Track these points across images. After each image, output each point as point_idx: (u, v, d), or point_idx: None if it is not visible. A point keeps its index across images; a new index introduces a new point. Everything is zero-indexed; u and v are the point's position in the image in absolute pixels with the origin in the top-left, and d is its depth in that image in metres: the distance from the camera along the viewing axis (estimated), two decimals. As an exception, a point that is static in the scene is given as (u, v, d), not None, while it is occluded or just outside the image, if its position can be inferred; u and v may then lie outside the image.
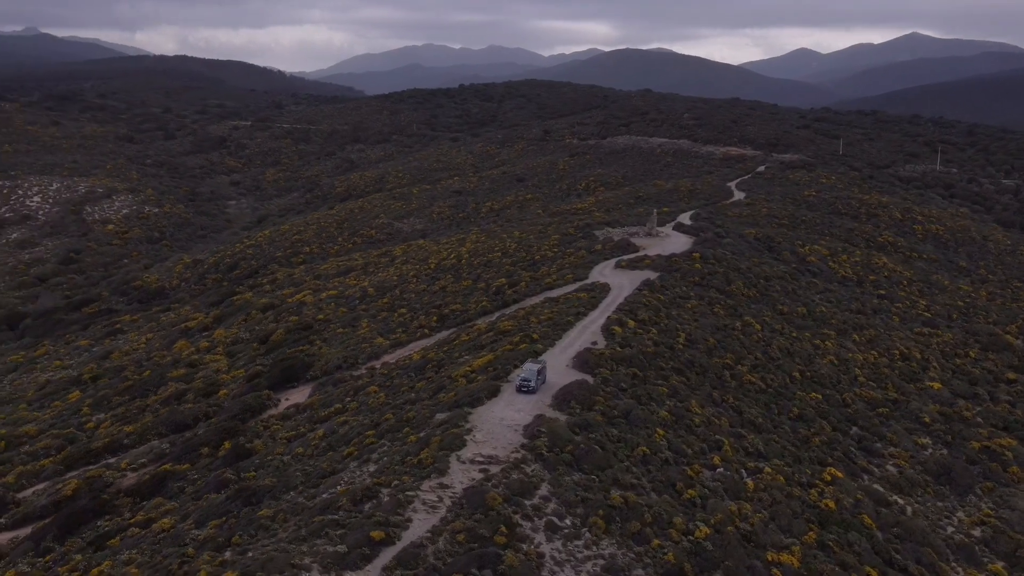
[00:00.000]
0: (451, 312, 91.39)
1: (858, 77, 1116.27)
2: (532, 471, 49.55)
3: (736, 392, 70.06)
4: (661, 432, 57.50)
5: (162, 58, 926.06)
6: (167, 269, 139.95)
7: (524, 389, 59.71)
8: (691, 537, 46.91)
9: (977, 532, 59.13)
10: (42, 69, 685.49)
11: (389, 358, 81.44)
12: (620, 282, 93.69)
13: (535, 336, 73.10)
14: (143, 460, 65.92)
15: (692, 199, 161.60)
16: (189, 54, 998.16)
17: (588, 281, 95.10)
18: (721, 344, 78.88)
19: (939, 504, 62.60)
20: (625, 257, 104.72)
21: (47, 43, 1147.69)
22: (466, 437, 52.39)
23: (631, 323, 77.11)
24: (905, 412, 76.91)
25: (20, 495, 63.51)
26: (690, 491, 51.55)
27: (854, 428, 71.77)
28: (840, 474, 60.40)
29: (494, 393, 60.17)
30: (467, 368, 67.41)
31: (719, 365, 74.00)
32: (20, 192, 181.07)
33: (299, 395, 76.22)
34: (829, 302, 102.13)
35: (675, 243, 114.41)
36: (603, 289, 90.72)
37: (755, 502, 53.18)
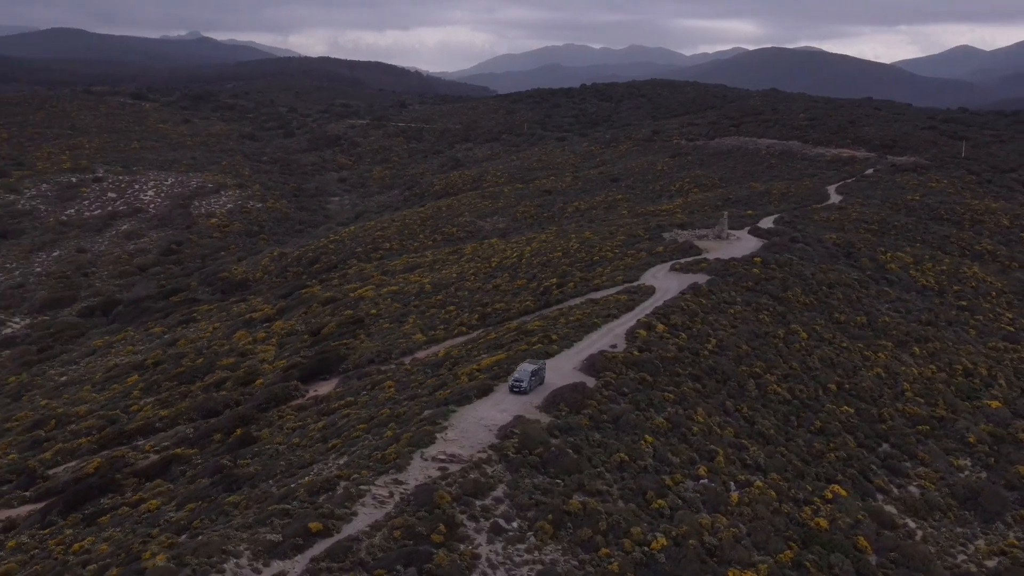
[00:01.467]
0: (493, 311, 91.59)
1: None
2: (492, 472, 49.21)
3: (755, 402, 67.54)
4: (649, 439, 56.07)
5: (306, 59, 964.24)
6: (255, 262, 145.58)
7: (516, 389, 59.31)
8: (646, 548, 45.57)
9: (992, 563, 55.13)
10: (199, 70, 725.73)
11: (422, 354, 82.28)
12: (668, 285, 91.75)
13: (554, 337, 72.47)
14: (166, 443, 68.87)
15: (783, 202, 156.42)
16: (337, 56, 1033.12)
17: (636, 283, 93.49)
18: (755, 352, 76.18)
19: (957, 530, 58.65)
20: (683, 260, 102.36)
21: (207, 46, 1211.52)
22: (437, 435, 52.46)
23: (660, 327, 75.42)
24: (949, 431, 72.35)
25: (51, 471, 67.43)
26: (660, 501, 50.08)
27: (884, 445, 68.06)
28: (844, 492, 57.41)
29: (486, 392, 60.03)
30: (474, 367, 67.51)
31: (744, 373, 71.52)
32: (137, 186, 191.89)
33: (326, 387, 78.01)
34: (897, 312, 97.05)
35: (742, 247, 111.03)
36: (647, 292, 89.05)
37: (734, 516, 51.20)
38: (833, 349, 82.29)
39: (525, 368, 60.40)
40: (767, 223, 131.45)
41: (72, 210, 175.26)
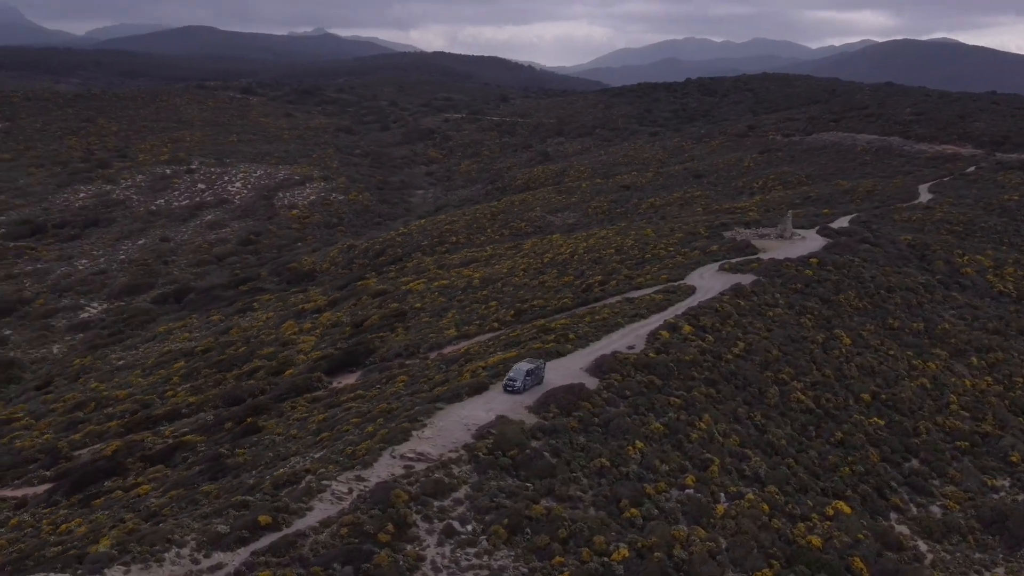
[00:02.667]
0: (530, 308, 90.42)
1: None
2: (459, 472, 48.30)
3: (772, 410, 64.49)
4: (639, 445, 54.08)
5: (421, 54, 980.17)
6: (325, 254, 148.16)
7: (509, 389, 58.18)
8: (605, 559, 43.91)
9: (1007, 593, 51.11)
10: (314, 66, 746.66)
11: (449, 349, 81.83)
12: (711, 285, 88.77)
13: (571, 336, 70.90)
14: (184, 430, 70.46)
15: (866, 200, 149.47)
16: (456, 51, 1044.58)
17: (678, 283, 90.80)
18: (785, 357, 72.86)
19: (976, 555, 54.57)
20: (735, 260, 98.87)
21: (331, 42, 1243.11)
22: (414, 433, 51.86)
23: (686, 328, 72.89)
24: (992, 448, 67.54)
25: (77, 452, 69.89)
26: (633, 510, 48.17)
27: (912, 461, 64.01)
28: (847, 509, 54.10)
29: (479, 391, 59.09)
30: (481, 364, 66.69)
31: (768, 379, 68.42)
32: (226, 178, 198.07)
33: (349, 380, 78.50)
34: (962, 319, 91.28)
35: (803, 247, 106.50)
36: (686, 292, 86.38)
37: (716, 529, 48.87)
38: (877, 356, 77.96)
39: (520, 367, 59.18)
40: (842, 222, 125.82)
41: (162, 200, 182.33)
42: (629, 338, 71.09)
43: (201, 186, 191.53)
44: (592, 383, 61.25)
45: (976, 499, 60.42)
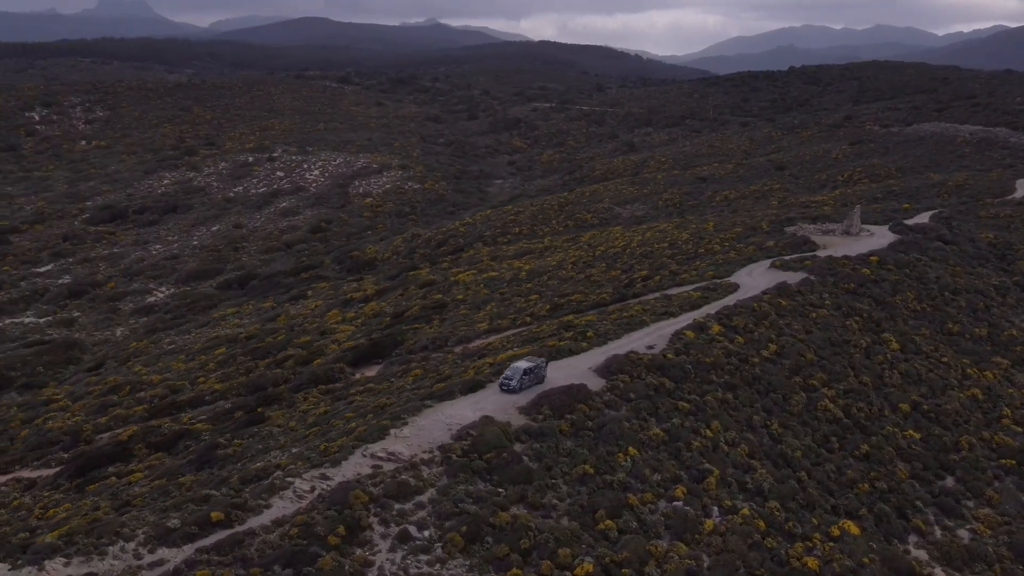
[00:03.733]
0: (567, 302, 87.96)
1: None
2: (428, 474, 46.54)
3: (794, 418, 60.52)
4: (633, 451, 51.28)
5: (527, 43, 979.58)
6: (390, 243, 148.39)
7: (505, 388, 56.08)
8: (568, 573, 41.52)
9: (1028, 631, 46.40)
10: (420, 55, 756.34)
11: (478, 343, 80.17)
12: (756, 283, 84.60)
13: (591, 334, 68.20)
14: (203, 417, 70.79)
15: (954, 195, 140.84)
16: (567, 40, 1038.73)
17: (723, 280, 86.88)
18: (820, 361, 68.52)
19: (1000, 588, 49.84)
20: (788, 257, 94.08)
21: (441, 32, 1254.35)
22: (392, 431, 50.33)
23: (715, 328, 69.31)
24: (1043, 468, 61.89)
25: (99, 436, 71.03)
26: (609, 521, 45.50)
27: (947, 479, 59.13)
28: (856, 530, 50.11)
29: (474, 389, 57.20)
30: (489, 360, 64.77)
31: (796, 385, 64.37)
32: (306, 166, 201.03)
33: (372, 371, 77.68)
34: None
35: (867, 243, 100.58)
36: (728, 289, 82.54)
37: (700, 546, 45.82)
38: (927, 363, 72.68)
39: (517, 366, 56.97)
40: (921, 218, 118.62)
41: (240, 187, 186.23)
42: (652, 337, 67.98)
43: (280, 174, 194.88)
44: (597, 384, 58.61)
45: (1013, 524, 55.35)
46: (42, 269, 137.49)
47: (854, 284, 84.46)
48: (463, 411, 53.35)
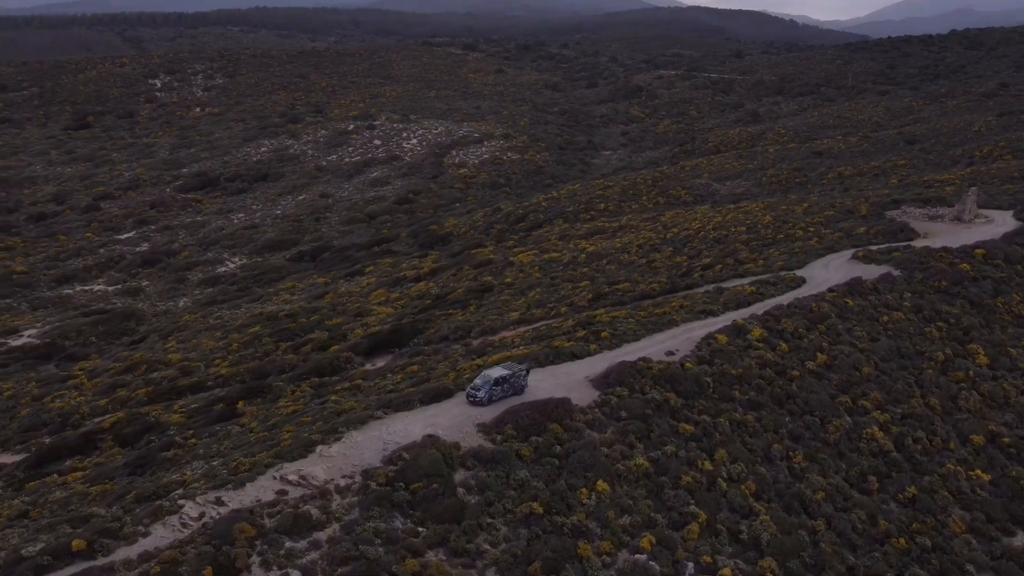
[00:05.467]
0: (613, 291, 79.17)
1: None
2: (338, 505, 39.73)
3: (828, 448, 50.44)
4: (603, 486, 42.96)
5: (677, 9, 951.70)
6: (470, 217, 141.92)
7: (472, 399, 48.52)
8: (470, 644, 34.07)
9: None
10: (565, 21, 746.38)
11: (503, 335, 72.62)
12: (827, 277, 73.62)
13: (606, 335, 59.59)
14: (195, 405, 66.41)
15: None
16: (721, 5, 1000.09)
17: (790, 272, 76.05)
18: (879, 377, 57.76)
19: None
20: (876, 247, 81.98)
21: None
22: (320, 447, 43.73)
23: (755, 332, 59.50)
24: None
25: (89, 420, 67.69)
26: (543, 578, 37.58)
27: (1018, 535, 47.91)
28: (871, 604, 40.28)
29: (438, 398, 49.92)
30: (479, 362, 57.29)
31: (841, 406, 54.03)
32: (405, 134, 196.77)
33: (383, 362, 71.56)
34: None
35: (978, 232, 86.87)
36: (790, 284, 71.94)
37: (656, 615, 37.35)
38: (1020, 384, 60.44)
39: (488, 374, 49.23)
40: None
41: (335, 156, 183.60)
42: (677, 341, 58.81)
43: (377, 142, 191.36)
44: (588, 397, 50.33)
45: (1095, 602, 43.94)
46: (123, 236, 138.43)
47: (946, 282, 72.11)
48: (412, 426, 46.18)
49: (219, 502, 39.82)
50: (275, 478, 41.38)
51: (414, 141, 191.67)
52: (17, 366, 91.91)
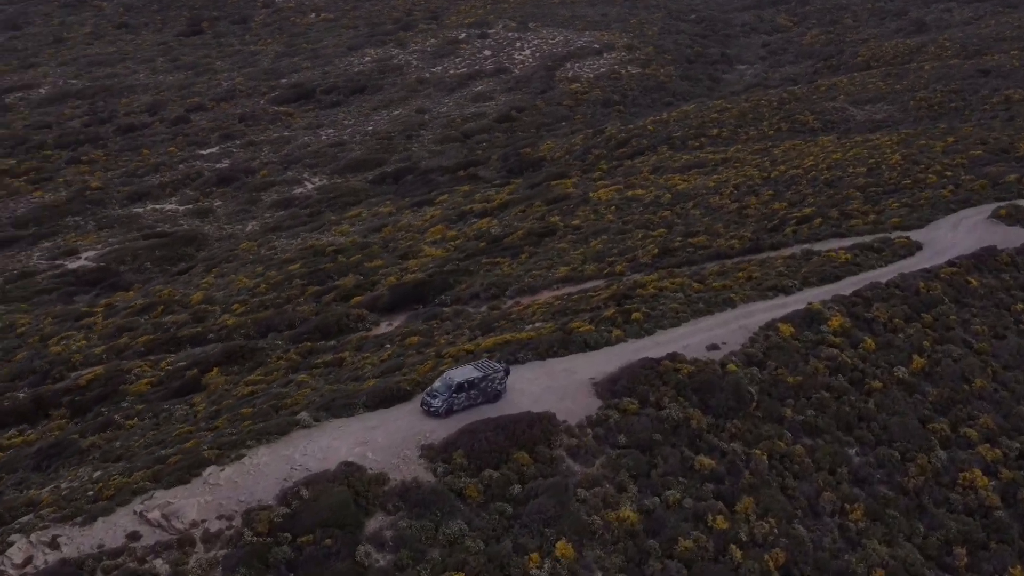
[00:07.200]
0: (684, 246, 66.31)
1: None
2: (198, 562, 30.52)
3: (902, 499, 37.50)
4: (563, 549, 32.03)
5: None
6: (568, 140, 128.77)
7: (427, 408, 37.97)
8: None
9: None
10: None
11: (545, 295, 61.54)
12: (953, 242, 58.84)
13: (638, 316, 47.55)
14: (182, 363, 58.85)
15: None
16: None
17: (904, 234, 61.11)
18: (996, 394, 43.67)
19: None
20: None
21: None
22: (208, 470, 34.37)
23: (835, 322, 46.29)
24: None
25: (73, 373, 61.17)
26: None
27: None
28: None
29: (390, 401, 39.63)
30: (469, 347, 46.60)
31: (935, 436, 40.62)
32: (518, 44, 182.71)
33: (400, 321, 61.92)
34: None
35: None
36: (898, 252, 57.66)
37: None
38: None
39: (450, 376, 38.43)
40: None
41: (439, 68, 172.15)
42: (727, 329, 46.31)
43: (487, 52, 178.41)
44: (584, 410, 39.08)
45: None
46: (206, 151, 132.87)
47: (1114, 257, 55.69)
48: (339, 442, 36.20)
49: (55, 544, 31.25)
50: (135, 513, 32.42)
51: (527, 52, 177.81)
52: (60, 293, 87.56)
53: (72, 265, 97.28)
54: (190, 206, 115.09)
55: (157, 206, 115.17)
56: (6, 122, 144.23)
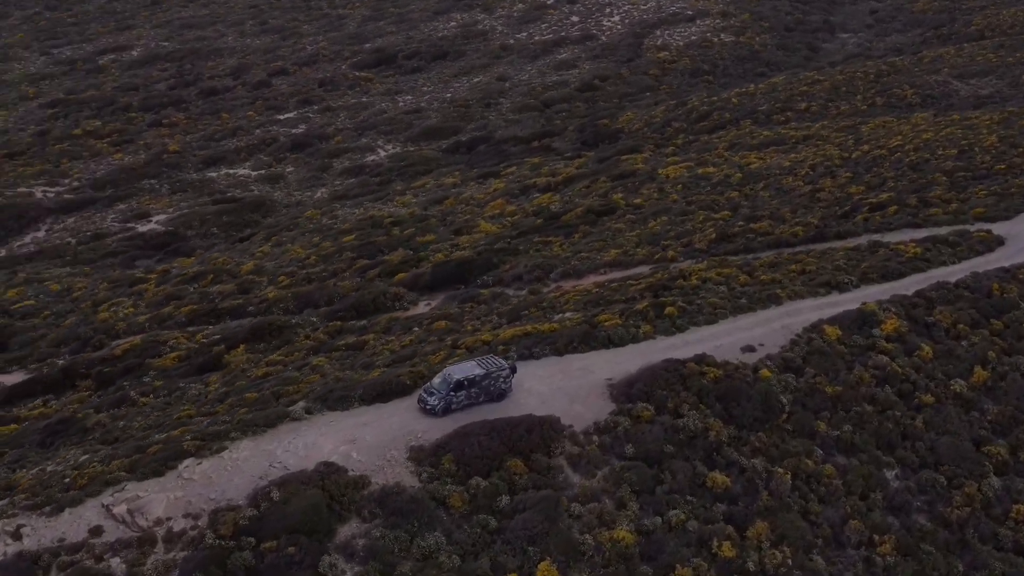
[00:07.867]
0: (745, 231, 62.17)
1: None
2: (154, 563, 29.09)
3: (942, 536, 33.58)
4: (547, 571, 29.46)
5: None
6: (649, 111, 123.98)
7: (423, 406, 35.75)
8: None
9: None
10: None
11: (591, 280, 58.57)
12: (1042, 237, 53.09)
13: (672, 310, 44.14)
14: (216, 336, 58.20)
15: None
16: None
17: (986, 227, 55.70)
18: (1068, 416, 38.88)
19: None
20: None
21: None
22: (187, 462, 32.97)
23: (890, 325, 42.20)
24: None
25: (117, 342, 61.17)
26: None
27: None
28: None
29: (388, 396, 37.49)
30: (491, 336, 44.06)
31: (990, 461, 36.48)
32: (608, 10, 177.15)
33: (437, 301, 59.84)
34: None
35: None
36: (977, 247, 52.52)
37: None
38: None
39: (449, 373, 36.05)
40: None
41: (524, 34, 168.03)
42: (767, 329, 42.68)
43: (575, 18, 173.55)
44: (594, 414, 36.30)
45: None
46: (283, 116, 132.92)
47: None
48: (324, 439, 34.31)
49: (18, 534, 30.28)
50: (103, 506, 31.21)
51: (616, 18, 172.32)
52: (125, 257, 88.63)
53: (142, 228, 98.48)
54: (263, 171, 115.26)
55: (231, 171, 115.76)
56: (97, 83, 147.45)
